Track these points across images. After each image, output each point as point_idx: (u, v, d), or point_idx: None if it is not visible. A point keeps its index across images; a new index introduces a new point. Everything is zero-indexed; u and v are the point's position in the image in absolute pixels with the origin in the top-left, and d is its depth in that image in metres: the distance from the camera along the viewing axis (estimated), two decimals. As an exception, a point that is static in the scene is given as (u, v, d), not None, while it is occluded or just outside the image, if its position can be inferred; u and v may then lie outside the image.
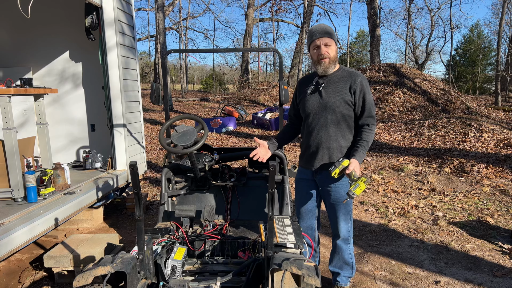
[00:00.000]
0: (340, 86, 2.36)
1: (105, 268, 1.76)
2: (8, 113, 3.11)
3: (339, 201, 2.47)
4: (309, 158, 2.50)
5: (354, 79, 2.34)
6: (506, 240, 3.63)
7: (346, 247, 2.61)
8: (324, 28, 2.35)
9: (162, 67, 3.73)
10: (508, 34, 25.41)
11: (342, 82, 2.37)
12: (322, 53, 2.33)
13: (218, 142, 9.99)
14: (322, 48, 2.32)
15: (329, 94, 2.37)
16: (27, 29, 4.81)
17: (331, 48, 2.34)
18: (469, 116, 9.28)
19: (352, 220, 2.58)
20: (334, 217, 2.54)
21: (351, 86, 2.34)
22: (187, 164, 3.07)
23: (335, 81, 2.39)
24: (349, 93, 2.34)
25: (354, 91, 2.33)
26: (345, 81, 2.36)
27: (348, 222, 2.55)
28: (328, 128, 2.40)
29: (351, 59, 28.97)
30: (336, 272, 2.71)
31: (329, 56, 2.33)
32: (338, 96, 2.35)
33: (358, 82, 2.33)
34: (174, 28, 29.98)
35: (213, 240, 2.45)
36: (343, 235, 2.57)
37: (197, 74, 51.09)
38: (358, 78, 2.34)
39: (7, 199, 3.16)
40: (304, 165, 2.58)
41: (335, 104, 2.35)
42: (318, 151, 2.44)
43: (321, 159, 2.44)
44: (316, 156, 2.45)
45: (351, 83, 2.34)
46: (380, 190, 5.44)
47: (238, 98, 19.19)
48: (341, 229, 2.55)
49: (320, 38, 2.32)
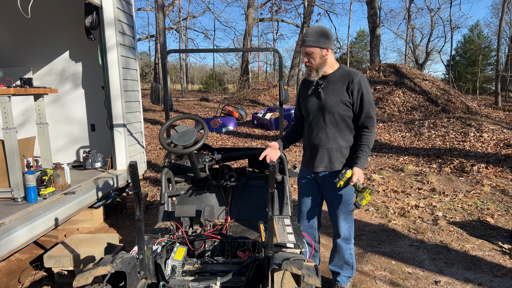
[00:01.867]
0: (338, 86, 2.37)
1: (105, 268, 1.76)
2: (8, 113, 3.11)
3: (339, 200, 2.48)
4: (310, 159, 2.52)
5: (352, 79, 2.33)
6: (506, 240, 3.63)
7: (347, 247, 2.62)
8: (311, 34, 2.32)
9: (162, 67, 3.73)
10: (508, 34, 25.43)
11: (340, 82, 2.37)
12: (304, 62, 2.41)
13: (218, 142, 9.99)
14: (304, 57, 2.39)
15: (328, 94, 2.38)
16: (27, 29, 4.80)
17: (313, 56, 2.33)
18: (469, 116, 9.28)
19: (353, 220, 2.59)
20: (335, 216, 2.55)
21: (348, 86, 2.33)
22: (187, 164, 3.08)
23: (334, 81, 2.39)
24: (347, 94, 2.34)
25: (352, 91, 2.32)
26: (343, 81, 2.36)
27: (349, 222, 2.56)
28: (327, 129, 2.40)
29: (351, 59, 28.95)
30: (336, 271, 2.71)
31: (310, 65, 2.37)
32: (336, 96, 2.36)
33: (355, 82, 2.32)
34: (174, 28, 29.99)
35: (213, 240, 2.45)
36: (343, 235, 2.57)
37: (197, 74, 51.09)
38: (356, 78, 2.33)
39: (7, 199, 3.16)
40: (305, 165, 2.61)
41: (333, 105, 2.36)
42: (318, 152, 2.46)
43: (321, 160, 2.46)
44: (316, 156, 2.47)
45: (348, 83, 2.34)
46: (380, 190, 5.44)
47: (238, 98, 19.20)
48: (341, 229, 2.56)
49: (302, 46, 2.37)
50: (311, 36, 2.31)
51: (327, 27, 2.44)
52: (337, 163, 2.43)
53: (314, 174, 2.55)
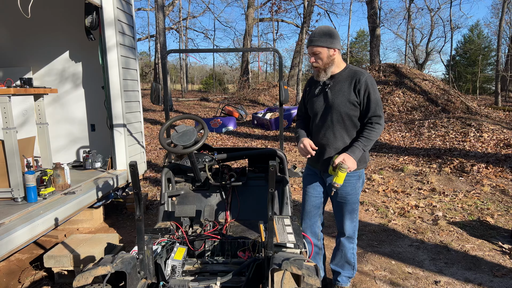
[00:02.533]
0: (345, 86, 2.37)
1: (105, 268, 1.76)
2: (8, 113, 3.11)
3: (345, 199, 2.48)
4: (316, 157, 2.51)
5: (359, 79, 2.33)
6: (506, 240, 3.63)
7: (350, 246, 2.62)
8: (318, 34, 2.33)
9: (162, 67, 3.74)
10: (508, 34, 25.44)
11: (347, 82, 2.37)
12: (311, 62, 2.40)
13: (218, 142, 9.99)
14: (311, 57, 2.38)
15: (335, 94, 2.38)
16: (27, 29, 4.80)
17: (321, 55, 2.34)
18: (469, 116, 9.28)
19: (357, 219, 2.59)
20: (340, 215, 2.56)
21: (355, 86, 2.34)
22: (187, 164, 3.07)
23: (341, 81, 2.39)
24: (354, 93, 2.34)
25: (359, 90, 2.33)
26: (350, 81, 2.36)
27: (354, 221, 2.56)
28: (334, 129, 2.41)
29: (351, 59, 28.97)
30: (337, 271, 2.71)
31: (318, 65, 2.37)
32: (343, 96, 2.36)
33: (362, 82, 2.32)
34: (174, 28, 29.98)
35: (213, 240, 2.45)
36: (348, 233, 2.59)
37: (197, 74, 51.08)
38: (363, 77, 2.33)
39: (7, 199, 3.16)
40: (311, 164, 2.61)
41: (340, 104, 2.36)
42: (325, 151, 2.45)
43: (327, 159, 2.45)
44: (323, 155, 2.47)
45: (355, 83, 2.34)
46: (380, 190, 5.44)
47: (238, 98, 19.20)
48: (346, 227, 2.57)
49: (309, 46, 2.36)
50: (318, 36, 2.32)
51: (330, 27, 2.44)
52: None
53: (320, 172, 2.56)
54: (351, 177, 2.42)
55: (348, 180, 2.42)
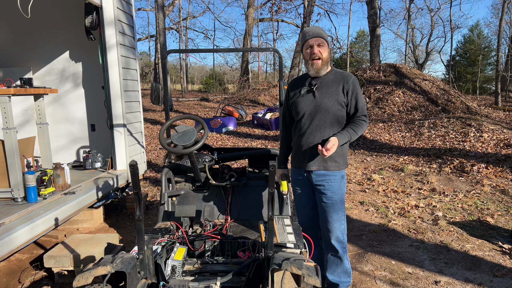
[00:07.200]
0: (333, 87, 2.40)
1: (105, 268, 1.76)
2: (8, 113, 3.11)
3: (331, 199, 2.43)
4: (302, 158, 2.49)
5: (347, 80, 2.39)
6: (506, 240, 3.63)
7: (343, 252, 2.51)
8: (318, 30, 2.40)
9: (162, 67, 3.74)
10: (508, 34, 25.41)
11: (335, 84, 2.40)
12: (315, 53, 2.36)
13: (218, 142, 9.99)
14: (315, 47, 2.36)
15: (323, 95, 2.40)
16: (27, 29, 4.81)
17: (324, 48, 2.37)
18: (469, 116, 9.28)
19: (345, 221, 2.51)
20: (328, 217, 2.46)
21: (343, 87, 2.38)
22: (187, 164, 3.07)
23: (328, 82, 2.42)
24: (342, 94, 2.39)
25: (347, 91, 2.38)
26: (338, 82, 2.40)
27: (343, 224, 2.48)
28: (321, 129, 2.41)
29: (351, 59, 28.96)
30: (335, 283, 2.58)
31: (321, 57, 2.37)
32: (331, 97, 2.38)
33: (350, 83, 2.38)
34: (174, 28, 29.98)
35: (213, 240, 2.45)
36: (337, 237, 2.47)
37: (197, 74, 51.07)
38: (350, 79, 2.39)
39: (7, 199, 3.16)
40: (297, 165, 2.56)
41: (329, 105, 2.37)
42: (311, 151, 2.43)
43: (314, 159, 2.44)
44: (310, 156, 2.44)
45: (343, 84, 2.38)
46: (380, 190, 5.44)
47: (238, 98, 19.18)
48: (335, 230, 2.46)
49: (313, 38, 2.37)
50: (319, 30, 2.40)
51: (327, 27, 2.48)
52: (330, 161, 2.41)
53: (306, 173, 2.51)
54: (335, 176, 2.42)
55: (335, 179, 2.42)
